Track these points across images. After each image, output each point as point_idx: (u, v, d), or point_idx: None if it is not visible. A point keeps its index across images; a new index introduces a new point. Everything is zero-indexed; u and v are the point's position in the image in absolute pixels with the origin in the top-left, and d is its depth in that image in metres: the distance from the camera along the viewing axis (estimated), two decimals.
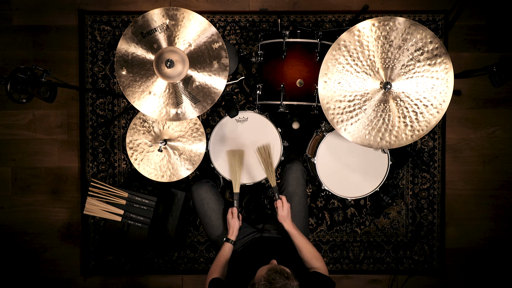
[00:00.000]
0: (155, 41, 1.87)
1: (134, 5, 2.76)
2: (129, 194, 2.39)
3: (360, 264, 2.79)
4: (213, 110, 2.74)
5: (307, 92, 2.24)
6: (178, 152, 2.25)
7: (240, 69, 2.74)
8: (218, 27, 2.74)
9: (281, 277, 1.49)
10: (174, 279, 2.81)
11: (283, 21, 2.73)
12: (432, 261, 2.79)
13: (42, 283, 2.83)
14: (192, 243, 2.79)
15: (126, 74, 1.89)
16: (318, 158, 2.20)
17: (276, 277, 1.48)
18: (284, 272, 1.51)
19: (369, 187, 2.24)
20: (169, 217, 2.52)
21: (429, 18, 2.72)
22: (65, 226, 2.80)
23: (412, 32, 1.80)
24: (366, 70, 1.85)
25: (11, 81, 1.79)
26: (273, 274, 1.49)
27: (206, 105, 1.91)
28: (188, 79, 1.90)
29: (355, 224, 2.77)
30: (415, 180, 2.77)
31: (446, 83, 1.83)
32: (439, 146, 2.76)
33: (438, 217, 2.78)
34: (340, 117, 1.89)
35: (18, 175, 2.80)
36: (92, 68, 2.75)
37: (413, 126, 1.88)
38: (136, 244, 2.42)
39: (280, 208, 1.97)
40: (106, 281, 2.81)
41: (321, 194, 2.74)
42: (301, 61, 2.23)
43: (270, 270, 1.51)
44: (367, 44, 1.82)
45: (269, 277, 1.49)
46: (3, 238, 2.81)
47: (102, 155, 2.77)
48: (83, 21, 2.74)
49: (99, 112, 2.77)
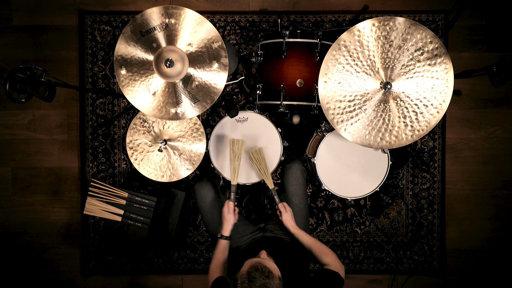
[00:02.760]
0: (155, 40, 1.86)
1: (134, 5, 2.76)
2: (129, 194, 2.39)
3: (360, 264, 2.79)
4: (213, 110, 2.74)
5: (307, 92, 2.24)
6: (178, 152, 2.24)
7: (240, 69, 2.74)
8: (218, 27, 2.74)
9: (261, 276, 1.47)
10: (174, 279, 2.81)
11: (283, 21, 2.73)
12: (432, 261, 2.79)
13: (42, 283, 2.83)
14: (192, 243, 2.79)
15: (125, 73, 1.89)
16: (318, 158, 2.20)
17: (256, 275, 1.47)
18: (265, 270, 1.49)
19: (369, 187, 2.23)
20: (169, 217, 2.52)
21: (429, 18, 2.72)
22: (65, 226, 2.80)
23: (412, 32, 1.80)
24: (366, 70, 1.85)
25: (10, 81, 1.78)
26: (254, 272, 1.48)
27: (205, 104, 1.91)
28: (187, 78, 1.90)
29: (355, 224, 2.77)
30: (415, 180, 2.77)
31: (446, 83, 1.83)
32: (439, 146, 2.75)
33: (438, 217, 2.77)
34: (340, 117, 1.88)
35: (18, 175, 2.80)
36: (92, 68, 2.75)
37: (413, 126, 1.87)
38: (136, 244, 2.42)
39: (283, 212, 1.98)
40: (106, 281, 2.81)
41: (321, 194, 2.74)
42: (301, 61, 2.23)
43: (251, 267, 1.50)
44: (367, 44, 1.82)
45: (250, 276, 1.48)
46: (3, 238, 2.81)
47: (102, 155, 2.77)
48: (83, 21, 2.74)
49: (99, 112, 2.77)
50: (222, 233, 1.96)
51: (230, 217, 1.97)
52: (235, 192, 2.07)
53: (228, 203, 2.00)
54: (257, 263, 1.54)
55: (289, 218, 1.97)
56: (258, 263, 1.53)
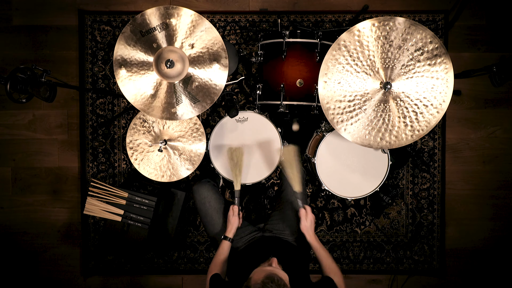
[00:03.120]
0: (155, 40, 1.86)
1: (134, 5, 2.76)
2: (129, 194, 2.39)
3: (360, 264, 2.79)
4: (213, 110, 2.74)
5: (307, 92, 2.24)
6: (178, 152, 2.25)
7: (240, 69, 2.74)
8: (218, 27, 2.74)
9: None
10: (174, 279, 2.81)
11: (283, 21, 2.73)
12: (432, 261, 2.79)
13: (42, 283, 2.83)
14: (192, 243, 2.79)
15: (125, 73, 1.89)
16: (318, 158, 2.20)
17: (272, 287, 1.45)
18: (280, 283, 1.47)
19: (369, 187, 2.23)
20: (169, 217, 2.52)
21: (429, 18, 2.72)
22: (65, 226, 2.80)
23: (412, 32, 1.80)
24: (366, 70, 1.85)
25: (11, 81, 1.78)
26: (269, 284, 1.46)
27: (205, 105, 1.91)
28: (187, 79, 1.90)
29: (355, 224, 2.77)
30: (415, 180, 2.77)
31: (446, 83, 1.83)
32: (439, 146, 2.76)
33: (438, 217, 2.77)
34: (340, 117, 1.88)
35: (18, 175, 2.80)
36: (92, 68, 2.75)
37: (413, 126, 1.87)
38: (136, 244, 2.42)
39: (303, 218, 1.94)
40: (106, 281, 2.81)
41: (321, 194, 2.74)
42: (301, 61, 2.23)
43: (267, 278, 1.48)
44: (367, 44, 1.82)
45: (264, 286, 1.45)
46: (3, 238, 2.81)
47: (102, 155, 2.77)
48: (83, 21, 2.74)
49: (99, 112, 2.77)
50: (227, 234, 1.97)
51: (235, 220, 1.99)
52: (239, 197, 2.08)
53: (233, 207, 2.02)
54: (272, 274, 1.51)
55: (308, 226, 1.92)
56: (274, 274, 1.51)
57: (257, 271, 1.56)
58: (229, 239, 1.96)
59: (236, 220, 2.00)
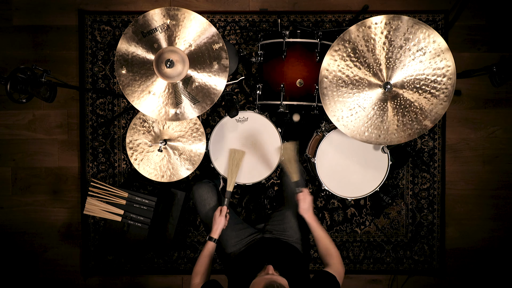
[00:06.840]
0: (155, 41, 1.87)
1: (134, 5, 2.76)
2: (129, 194, 2.39)
3: (360, 264, 2.79)
4: (213, 110, 2.74)
5: (307, 92, 2.24)
6: (178, 152, 2.25)
7: (240, 69, 2.74)
8: (218, 27, 2.74)
9: None
10: (174, 279, 2.81)
11: (283, 21, 2.73)
12: (432, 261, 2.79)
13: (42, 283, 2.83)
14: (192, 243, 2.79)
15: (126, 73, 1.89)
16: (318, 158, 2.20)
17: None
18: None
19: (369, 187, 2.23)
20: (169, 217, 2.52)
21: (429, 18, 2.72)
22: (65, 226, 2.80)
23: (414, 31, 1.80)
24: (367, 70, 1.85)
25: (11, 81, 1.79)
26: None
27: (205, 105, 1.91)
28: (188, 79, 1.90)
29: (355, 224, 2.77)
30: (415, 180, 2.77)
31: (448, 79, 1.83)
32: (439, 146, 2.76)
33: (438, 217, 2.77)
34: (340, 114, 1.89)
35: (18, 175, 2.80)
36: (92, 68, 2.75)
37: (413, 126, 1.88)
38: (136, 244, 2.42)
39: (302, 201, 1.95)
40: (106, 281, 2.81)
41: (321, 194, 2.74)
42: (301, 61, 2.23)
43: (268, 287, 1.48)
44: (367, 43, 1.82)
45: None
46: (3, 238, 2.81)
47: (102, 155, 2.77)
48: (83, 21, 2.74)
49: (99, 112, 2.77)
50: (211, 235, 1.96)
51: (221, 220, 1.97)
52: (229, 198, 2.06)
53: (222, 208, 2.00)
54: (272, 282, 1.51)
55: (306, 208, 1.94)
56: (273, 282, 1.51)
57: (256, 282, 1.56)
58: (214, 239, 1.95)
59: (222, 221, 1.97)
